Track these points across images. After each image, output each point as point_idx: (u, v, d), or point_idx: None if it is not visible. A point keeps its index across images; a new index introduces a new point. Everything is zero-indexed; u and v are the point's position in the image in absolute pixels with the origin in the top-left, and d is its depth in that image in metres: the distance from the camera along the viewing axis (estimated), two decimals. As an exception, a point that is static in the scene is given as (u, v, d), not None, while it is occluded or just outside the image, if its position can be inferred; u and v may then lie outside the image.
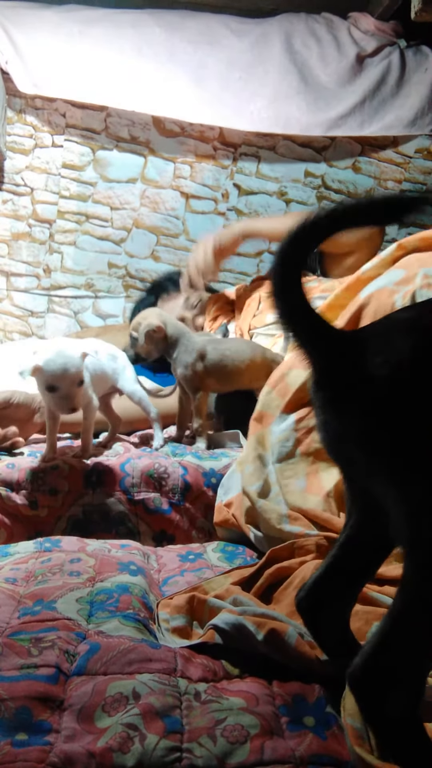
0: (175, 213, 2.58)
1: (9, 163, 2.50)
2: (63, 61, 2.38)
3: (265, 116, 2.46)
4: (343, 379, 0.68)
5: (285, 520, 1.20)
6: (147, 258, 2.59)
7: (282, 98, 2.46)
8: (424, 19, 1.88)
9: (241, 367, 1.62)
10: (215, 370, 1.60)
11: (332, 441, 0.72)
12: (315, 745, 0.72)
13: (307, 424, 1.30)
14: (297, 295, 0.69)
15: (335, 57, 2.48)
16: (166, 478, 1.43)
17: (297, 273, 0.69)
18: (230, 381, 1.63)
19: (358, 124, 2.49)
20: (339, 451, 0.74)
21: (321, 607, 0.81)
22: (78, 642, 0.89)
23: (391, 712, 0.68)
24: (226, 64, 2.44)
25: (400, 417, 0.64)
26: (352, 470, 0.74)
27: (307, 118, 2.47)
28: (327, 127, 2.48)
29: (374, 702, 0.69)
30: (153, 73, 2.41)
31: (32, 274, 2.57)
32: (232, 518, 1.33)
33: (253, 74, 2.45)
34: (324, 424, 0.72)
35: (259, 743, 0.72)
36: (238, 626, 0.88)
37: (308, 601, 0.81)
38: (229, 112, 2.45)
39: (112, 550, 1.23)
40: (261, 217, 2.57)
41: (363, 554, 0.79)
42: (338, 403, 0.69)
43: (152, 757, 0.70)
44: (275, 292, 0.69)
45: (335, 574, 0.80)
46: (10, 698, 0.77)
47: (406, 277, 1.22)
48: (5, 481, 1.39)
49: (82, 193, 2.54)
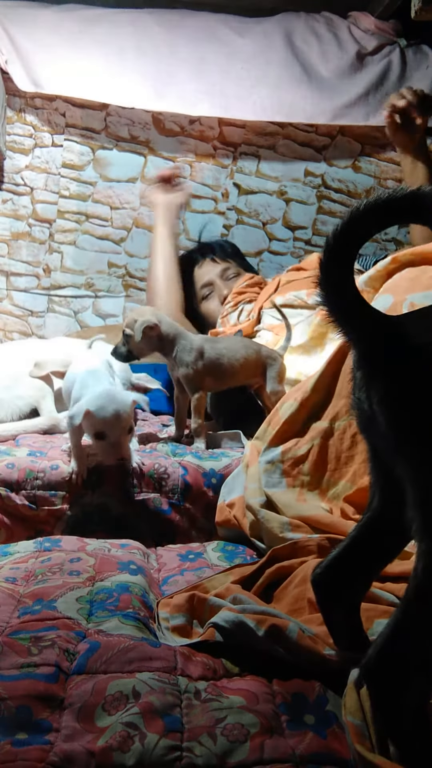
0: (175, 212, 2.58)
1: (9, 162, 2.50)
2: (63, 61, 2.37)
3: (268, 104, 2.44)
4: (384, 360, 0.69)
5: (287, 528, 1.20)
6: (147, 257, 2.59)
7: (285, 86, 2.44)
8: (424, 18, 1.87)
9: (236, 365, 1.64)
10: (212, 368, 1.61)
11: (365, 419, 0.73)
12: (315, 744, 0.72)
13: (294, 454, 1.31)
14: (346, 279, 0.69)
15: (336, 54, 2.47)
16: (166, 479, 1.43)
17: (350, 256, 0.70)
18: (226, 379, 1.65)
19: (364, 115, 2.47)
20: (370, 429, 0.75)
21: (335, 585, 0.81)
22: (78, 641, 0.89)
23: (405, 702, 0.68)
24: (228, 57, 2.43)
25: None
26: (380, 450, 0.75)
27: (311, 106, 2.45)
28: (332, 115, 2.46)
29: (387, 692, 0.69)
30: (153, 69, 2.40)
31: (32, 273, 2.57)
32: (234, 519, 1.33)
33: (255, 64, 2.43)
34: (359, 402, 0.73)
35: (259, 742, 0.72)
36: (239, 624, 0.88)
37: (323, 576, 0.82)
38: (231, 103, 2.43)
39: (112, 550, 1.22)
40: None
41: (381, 537, 0.80)
42: (376, 381, 0.70)
43: (152, 756, 0.70)
44: (324, 273, 0.69)
45: (353, 554, 0.81)
46: (10, 697, 0.77)
47: (393, 305, 1.24)
48: (5, 481, 1.38)
49: (82, 192, 2.54)
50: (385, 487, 0.77)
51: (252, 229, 2.60)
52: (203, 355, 1.60)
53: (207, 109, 2.44)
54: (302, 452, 1.30)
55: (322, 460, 1.29)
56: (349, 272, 0.70)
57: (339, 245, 0.68)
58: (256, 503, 1.27)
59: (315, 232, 2.60)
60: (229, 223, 2.60)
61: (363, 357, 0.73)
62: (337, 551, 0.82)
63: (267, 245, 2.60)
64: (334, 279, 0.70)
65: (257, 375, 1.68)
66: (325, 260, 0.69)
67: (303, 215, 2.60)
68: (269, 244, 2.59)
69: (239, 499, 1.34)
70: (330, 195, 2.59)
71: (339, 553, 0.81)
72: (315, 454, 1.29)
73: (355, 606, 0.84)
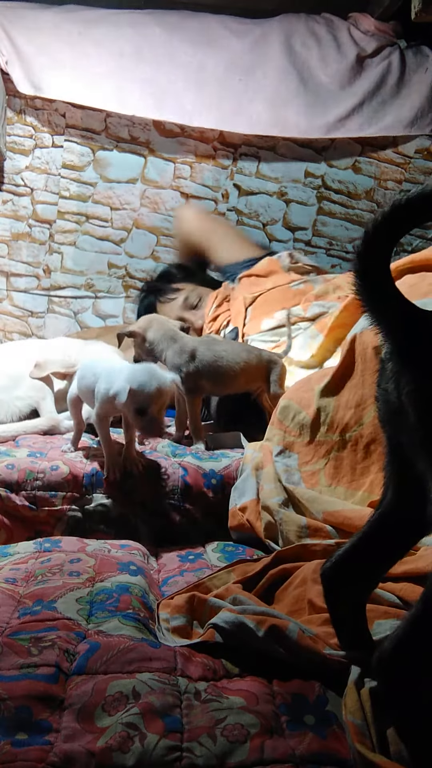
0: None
1: (9, 163, 2.50)
2: (63, 62, 2.37)
3: (264, 119, 2.46)
4: (418, 352, 0.69)
5: (305, 532, 1.20)
6: (147, 258, 2.59)
7: (281, 101, 2.45)
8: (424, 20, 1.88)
9: (236, 369, 1.61)
10: (209, 371, 1.59)
11: (390, 411, 0.73)
12: (315, 745, 0.72)
13: (312, 468, 1.32)
14: (383, 270, 0.69)
15: (335, 57, 2.47)
16: (166, 479, 1.43)
17: (389, 247, 0.69)
18: (225, 383, 1.63)
19: (357, 126, 2.48)
20: (394, 422, 0.74)
21: (343, 580, 0.82)
22: (78, 641, 0.89)
23: (421, 697, 0.68)
24: (226, 67, 2.44)
25: None
26: (402, 444, 0.75)
27: (306, 121, 2.46)
28: (326, 130, 2.48)
29: (401, 687, 0.69)
30: (152, 75, 2.40)
31: (32, 274, 2.57)
32: (247, 522, 1.32)
33: (253, 77, 2.44)
34: (385, 393, 0.73)
35: (259, 742, 0.72)
36: (239, 624, 0.88)
37: (332, 571, 0.82)
38: (229, 116, 2.45)
39: (112, 551, 1.22)
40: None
41: (392, 534, 0.80)
42: (407, 373, 0.70)
43: (152, 757, 0.70)
44: (361, 267, 0.69)
45: (363, 549, 0.81)
46: (10, 698, 0.77)
47: None
48: (5, 481, 1.38)
49: (82, 193, 2.54)
50: (400, 482, 0.77)
51: (252, 230, 2.60)
52: (195, 358, 1.59)
53: (203, 121, 2.46)
54: (319, 467, 1.31)
55: (338, 473, 1.29)
56: (386, 263, 0.69)
57: (378, 236, 0.67)
58: (275, 503, 1.26)
59: (315, 233, 2.60)
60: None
61: (396, 348, 0.72)
62: (347, 546, 0.82)
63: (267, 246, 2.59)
64: (371, 269, 0.69)
65: (260, 379, 1.66)
66: (363, 250, 0.68)
67: (303, 216, 2.60)
68: (269, 245, 2.59)
69: (251, 502, 1.33)
70: (330, 196, 2.59)
71: (349, 547, 0.81)
72: (331, 468, 1.30)
73: (361, 603, 0.84)
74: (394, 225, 0.67)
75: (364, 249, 0.68)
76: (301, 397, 1.39)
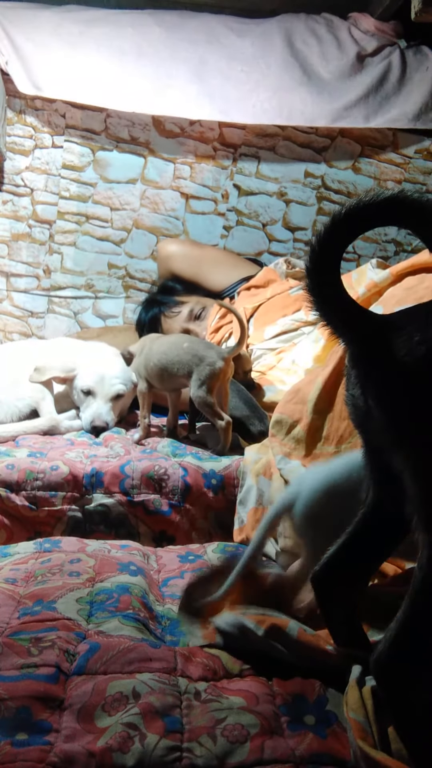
0: (175, 214, 2.58)
1: (9, 163, 2.50)
2: (63, 62, 2.37)
3: (268, 107, 2.43)
4: (379, 357, 0.70)
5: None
6: (147, 258, 2.59)
7: (285, 89, 2.43)
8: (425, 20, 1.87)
9: (169, 366, 1.61)
10: (146, 364, 1.66)
11: (360, 415, 0.75)
12: (315, 745, 0.72)
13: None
14: (334, 282, 0.71)
15: (336, 55, 2.47)
16: (166, 480, 1.43)
17: (336, 260, 0.72)
18: (164, 377, 1.64)
19: (364, 117, 2.47)
20: (365, 425, 0.76)
21: (333, 581, 0.82)
22: (78, 642, 0.89)
23: (417, 696, 0.68)
24: (227, 60, 2.42)
25: (428, 393, 0.67)
26: (376, 445, 0.76)
27: (311, 109, 2.44)
28: (332, 118, 2.45)
29: (399, 687, 0.69)
30: (154, 72, 2.40)
31: (32, 274, 2.57)
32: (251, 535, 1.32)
33: (255, 67, 2.42)
34: (353, 398, 0.75)
35: (259, 742, 0.72)
36: (239, 625, 0.88)
37: (322, 573, 0.82)
38: (231, 106, 2.42)
39: (112, 551, 1.22)
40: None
41: (377, 533, 0.81)
42: (372, 378, 0.72)
43: (152, 757, 0.70)
44: (312, 280, 0.71)
45: (350, 550, 0.81)
46: (10, 698, 0.77)
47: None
48: (5, 481, 1.39)
49: (82, 193, 2.54)
50: (380, 482, 0.78)
51: (252, 231, 2.60)
52: (142, 351, 1.68)
53: (207, 113, 2.44)
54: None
55: None
56: (336, 275, 0.71)
57: (324, 250, 0.70)
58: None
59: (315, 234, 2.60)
60: (229, 225, 2.60)
61: (358, 355, 0.74)
62: (335, 548, 0.82)
63: (267, 246, 2.60)
64: (322, 283, 0.71)
65: (187, 377, 1.58)
66: (311, 266, 0.71)
67: (303, 216, 2.60)
68: (269, 246, 2.59)
69: (251, 511, 1.34)
70: (330, 196, 2.59)
71: (337, 550, 0.82)
72: None
73: (354, 603, 0.84)
74: (338, 238, 0.71)
75: (312, 265, 0.71)
76: (293, 410, 1.37)
